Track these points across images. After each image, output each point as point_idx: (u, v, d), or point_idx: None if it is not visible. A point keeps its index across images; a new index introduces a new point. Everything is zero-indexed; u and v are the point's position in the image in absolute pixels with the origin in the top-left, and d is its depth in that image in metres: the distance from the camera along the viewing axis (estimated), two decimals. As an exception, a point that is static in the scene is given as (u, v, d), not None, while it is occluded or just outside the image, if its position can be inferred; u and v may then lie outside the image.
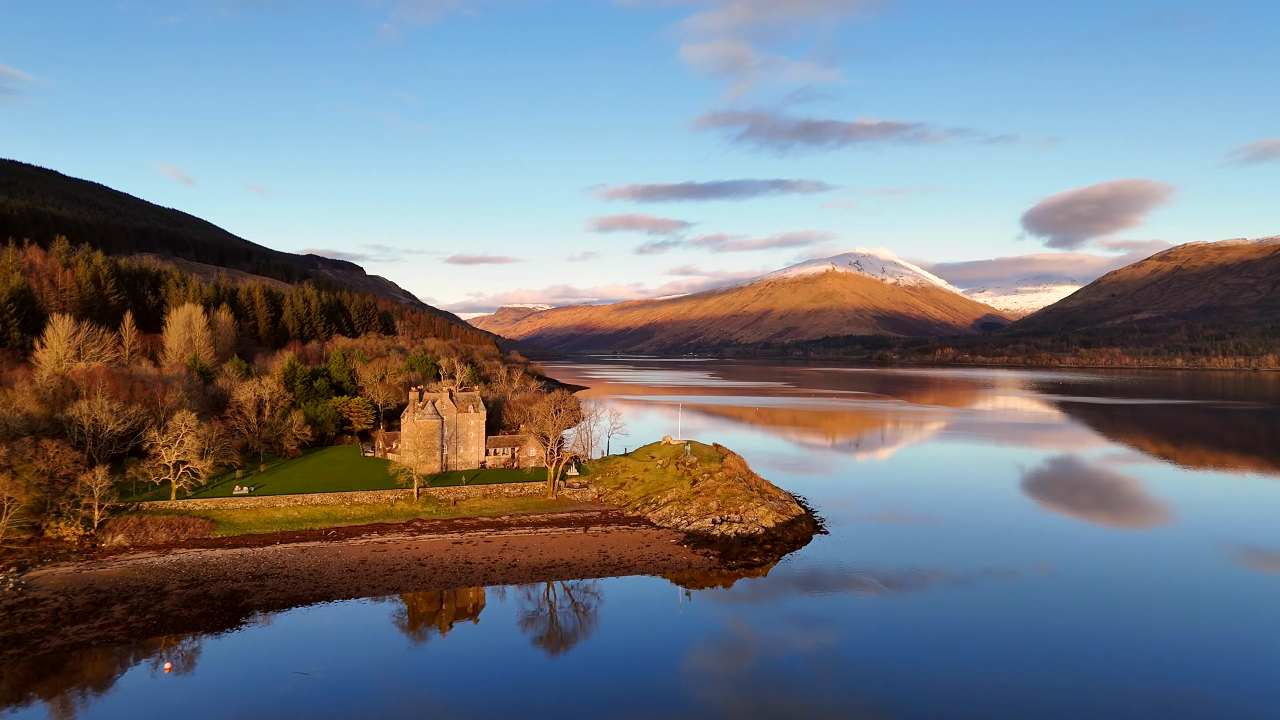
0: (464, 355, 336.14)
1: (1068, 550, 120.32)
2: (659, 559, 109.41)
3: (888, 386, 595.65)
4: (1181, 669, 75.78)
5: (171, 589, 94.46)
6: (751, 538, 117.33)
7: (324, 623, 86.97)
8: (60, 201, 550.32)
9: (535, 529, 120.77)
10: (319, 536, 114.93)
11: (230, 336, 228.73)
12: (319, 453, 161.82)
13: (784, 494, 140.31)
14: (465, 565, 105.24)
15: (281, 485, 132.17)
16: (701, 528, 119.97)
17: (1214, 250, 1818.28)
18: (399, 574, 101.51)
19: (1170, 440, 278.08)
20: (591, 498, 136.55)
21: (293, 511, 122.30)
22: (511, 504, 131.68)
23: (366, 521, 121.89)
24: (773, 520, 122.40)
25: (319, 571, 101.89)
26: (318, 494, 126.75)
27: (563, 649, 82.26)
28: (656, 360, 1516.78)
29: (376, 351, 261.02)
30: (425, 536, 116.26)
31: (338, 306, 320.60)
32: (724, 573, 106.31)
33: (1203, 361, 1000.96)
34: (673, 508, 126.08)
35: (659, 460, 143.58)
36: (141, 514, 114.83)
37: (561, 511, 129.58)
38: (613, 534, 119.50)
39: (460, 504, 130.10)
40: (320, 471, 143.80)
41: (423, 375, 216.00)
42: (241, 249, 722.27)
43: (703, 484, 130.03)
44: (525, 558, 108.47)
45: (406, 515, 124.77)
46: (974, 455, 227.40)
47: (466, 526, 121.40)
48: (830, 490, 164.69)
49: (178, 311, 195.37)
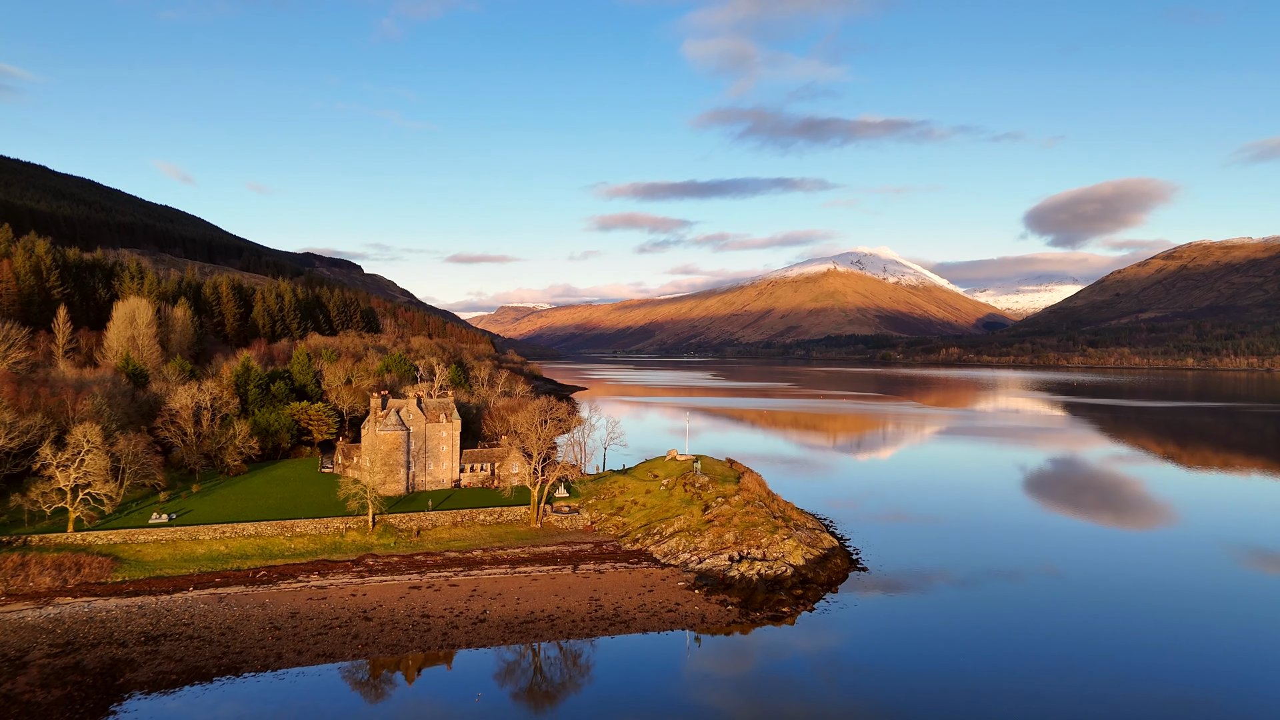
0: (452, 355, 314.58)
1: (1155, 567, 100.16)
2: (664, 609, 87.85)
3: (896, 387, 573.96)
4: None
5: (35, 658, 72.78)
6: (777, 580, 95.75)
7: (224, 710, 65.41)
8: (40, 195, 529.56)
9: (513, 568, 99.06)
10: (244, 579, 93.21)
11: (189, 334, 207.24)
12: (269, 468, 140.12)
13: (811, 520, 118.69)
14: (422, 619, 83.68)
15: (211, 511, 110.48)
16: (716, 566, 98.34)
17: (1219, 249, 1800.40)
18: (335, 633, 79.93)
19: (1228, 447, 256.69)
20: (583, 525, 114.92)
21: (218, 545, 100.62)
22: (487, 534, 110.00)
23: (308, 558, 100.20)
24: (802, 556, 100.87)
25: (234, 630, 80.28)
26: (252, 523, 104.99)
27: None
28: (657, 360, 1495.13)
29: (352, 351, 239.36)
30: (377, 579, 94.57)
31: (315, 303, 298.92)
32: (745, 626, 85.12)
33: (1214, 362, 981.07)
34: (680, 540, 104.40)
35: (663, 479, 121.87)
36: (26, 551, 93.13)
37: (547, 543, 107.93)
38: (607, 575, 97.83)
39: (425, 534, 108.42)
40: (264, 493, 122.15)
41: (399, 377, 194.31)
42: (232, 245, 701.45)
43: (716, 510, 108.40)
44: (498, 608, 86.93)
45: (357, 549, 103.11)
46: (1010, 464, 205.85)
47: (429, 564, 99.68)
48: (861, 511, 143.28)
49: (121, 306, 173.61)
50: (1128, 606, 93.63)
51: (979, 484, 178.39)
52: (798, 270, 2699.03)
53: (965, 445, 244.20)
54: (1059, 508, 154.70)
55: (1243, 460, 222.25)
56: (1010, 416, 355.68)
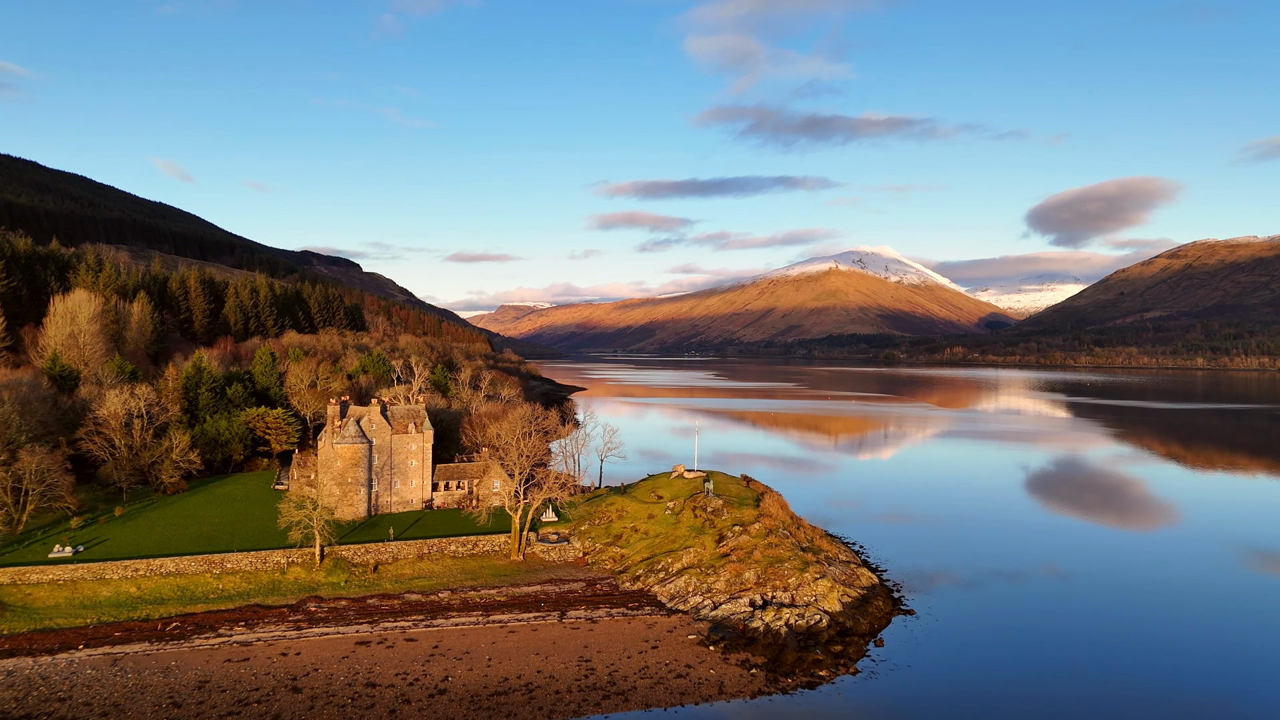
0: (441, 354, 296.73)
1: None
2: (672, 674, 69.97)
3: (905, 388, 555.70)
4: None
5: None
6: (811, 632, 77.88)
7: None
8: (23, 190, 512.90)
9: (486, 615, 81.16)
10: (151, 633, 75.31)
11: (148, 331, 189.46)
12: (215, 485, 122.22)
13: (843, 549, 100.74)
14: (365, 691, 65.86)
15: (131, 542, 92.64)
16: (734, 614, 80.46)
17: (1225, 248, 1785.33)
18: (251, 713, 62.15)
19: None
20: (573, 557, 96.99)
21: (128, 587, 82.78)
22: (458, 569, 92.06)
23: (238, 601, 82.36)
24: (838, 599, 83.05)
25: (121, 709, 62.48)
26: (174, 557, 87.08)
27: None
28: (658, 359, 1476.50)
29: (330, 350, 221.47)
30: (317, 631, 76.65)
31: (294, 298, 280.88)
32: (773, 696, 67.40)
33: (1225, 361, 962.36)
34: (691, 579, 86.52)
35: (669, 502, 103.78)
36: (-117, 597, 75.40)
37: (529, 581, 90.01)
38: (602, 624, 79.94)
39: (383, 570, 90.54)
40: (200, 516, 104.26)
41: (376, 379, 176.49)
42: (224, 242, 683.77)
43: (733, 542, 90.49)
44: (463, 672, 69.12)
45: (299, 590, 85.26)
46: (1056, 474, 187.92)
47: (384, 610, 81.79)
48: (894, 533, 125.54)
49: (61, 301, 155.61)
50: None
51: (1025, 499, 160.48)
52: (799, 269, 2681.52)
53: (996, 450, 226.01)
54: (1120, 521, 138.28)
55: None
56: (1034, 420, 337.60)
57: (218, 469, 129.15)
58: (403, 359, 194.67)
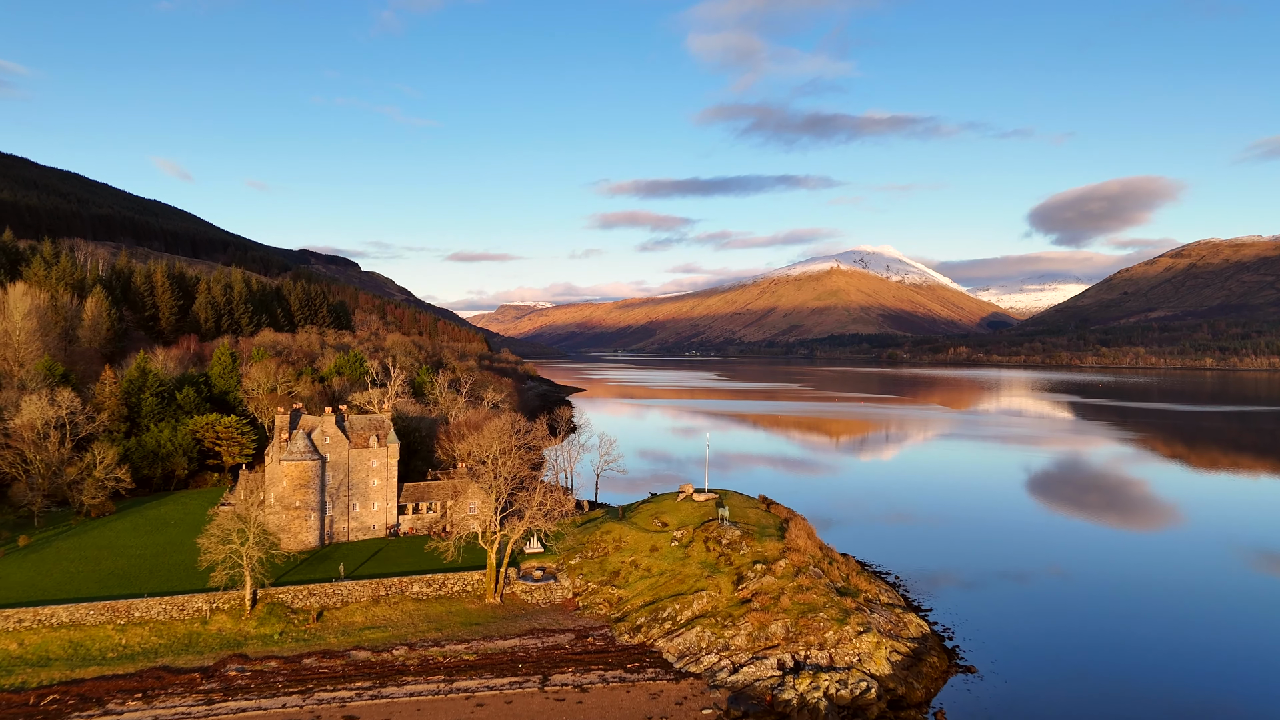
0: (430, 354, 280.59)
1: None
2: (684, 771, 53.95)
3: (911, 389, 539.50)
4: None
5: None
6: (857, 705, 61.79)
7: None
8: (8, 186, 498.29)
9: (450, 680, 65.01)
10: (21, 710, 59.22)
11: (103, 330, 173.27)
12: (150, 505, 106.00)
13: (884, 588, 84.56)
14: (280, 799, 49.75)
15: (22, 582, 76.55)
16: (760, 679, 64.34)
17: (1229, 247, 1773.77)
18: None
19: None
20: (561, 599, 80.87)
21: (9, 642, 66.66)
22: (420, 616, 75.88)
23: (142, 663, 66.21)
24: (886, 658, 66.98)
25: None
26: (69, 604, 70.96)
27: None
28: (659, 359, 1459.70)
29: (307, 350, 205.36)
30: (234, 705, 60.49)
31: (274, 295, 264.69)
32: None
33: (1234, 362, 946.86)
34: (704, 632, 70.37)
35: (675, 530, 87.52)
36: None
37: (507, 632, 73.85)
38: (594, 694, 63.80)
39: (329, 617, 74.40)
40: (122, 547, 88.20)
41: (350, 382, 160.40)
42: (218, 240, 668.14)
43: (755, 583, 74.39)
44: (412, 770, 53.06)
45: (221, 645, 69.12)
46: (1101, 487, 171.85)
47: (322, 675, 65.65)
48: (930, 555, 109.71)
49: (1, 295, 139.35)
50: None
51: (1077, 512, 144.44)
52: (801, 269, 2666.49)
53: (1026, 455, 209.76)
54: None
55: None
56: (1052, 424, 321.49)
57: (158, 486, 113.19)
58: (385, 360, 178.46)
